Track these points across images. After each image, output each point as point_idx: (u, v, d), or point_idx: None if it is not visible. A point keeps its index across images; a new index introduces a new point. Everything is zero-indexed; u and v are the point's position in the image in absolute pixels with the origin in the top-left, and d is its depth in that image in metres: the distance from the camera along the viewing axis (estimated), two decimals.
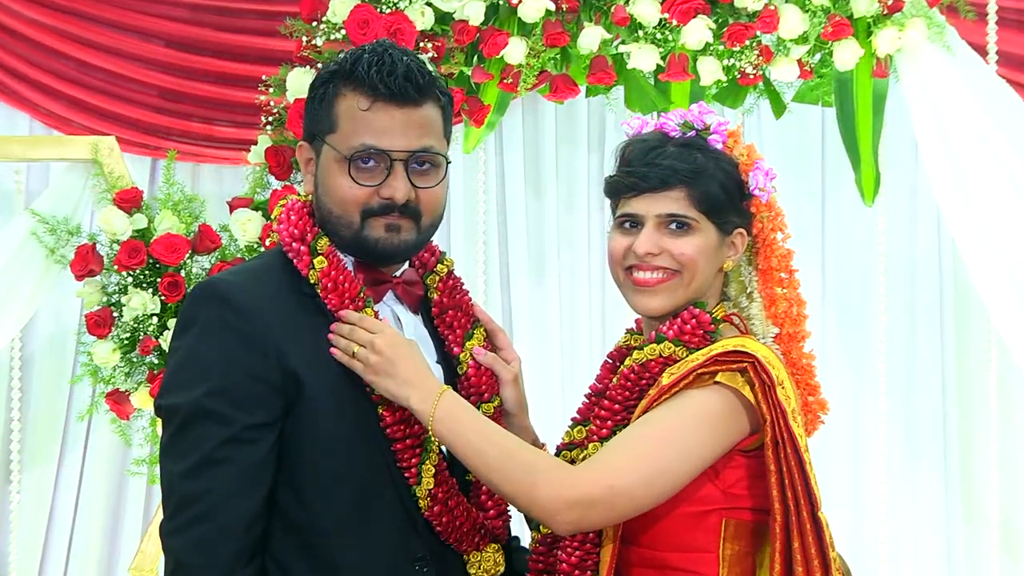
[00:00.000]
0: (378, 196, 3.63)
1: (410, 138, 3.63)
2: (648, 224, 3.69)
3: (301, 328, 3.66)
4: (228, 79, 6.34)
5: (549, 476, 3.53)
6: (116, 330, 5.85)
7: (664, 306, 3.70)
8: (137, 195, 5.91)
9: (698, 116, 3.76)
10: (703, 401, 3.58)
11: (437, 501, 3.66)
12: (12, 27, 6.30)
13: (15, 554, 6.54)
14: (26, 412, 6.54)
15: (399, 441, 3.62)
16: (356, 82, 3.63)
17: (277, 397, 3.60)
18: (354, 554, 3.65)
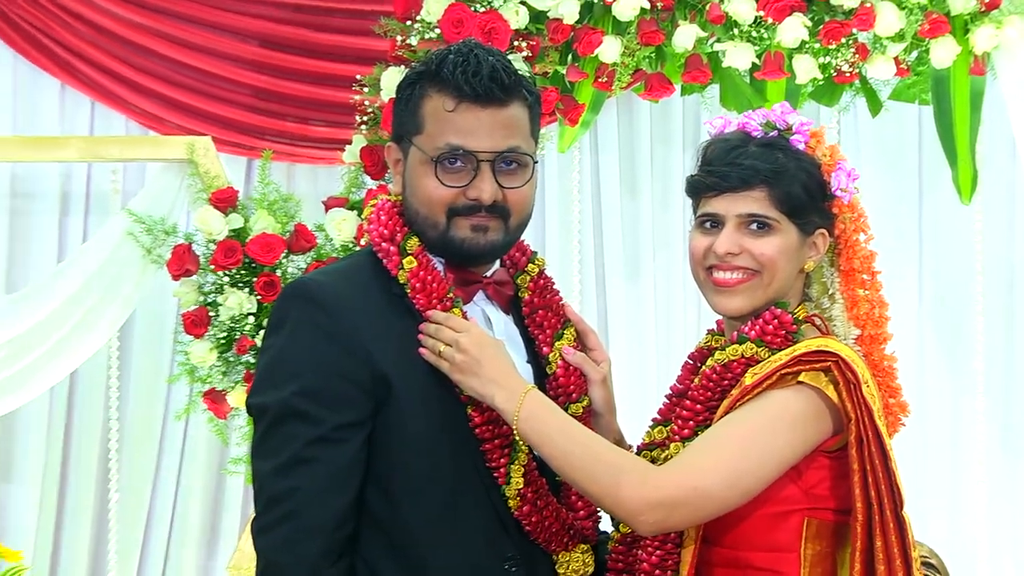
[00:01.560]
0: (464, 197, 3.64)
1: (496, 138, 3.64)
2: (729, 224, 3.70)
3: (391, 328, 3.67)
4: (323, 79, 6.38)
5: (633, 477, 3.54)
6: (212, 329, 5.92)
7: (744, 306, 3.71)
8: (233, 195, 5.98)
9: (780, 116, 3.76)
10: (786, 401, 3.58)
11: (527, 501, 3.66)
12: (108, 28, 6.36)
13: (114, 552, 6.60)
14: (124, 411, 6.60)
15: (488, 441, 3.63)
16: (442, 83, 3.64)
17: (366, 397, 3.62)
18: (443, 554, 3.66)
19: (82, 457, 6.64)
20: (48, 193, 6.58)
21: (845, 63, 5.78)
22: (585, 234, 6.90)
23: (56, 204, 6.60)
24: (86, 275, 6.21)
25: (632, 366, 6.69)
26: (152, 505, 6.68)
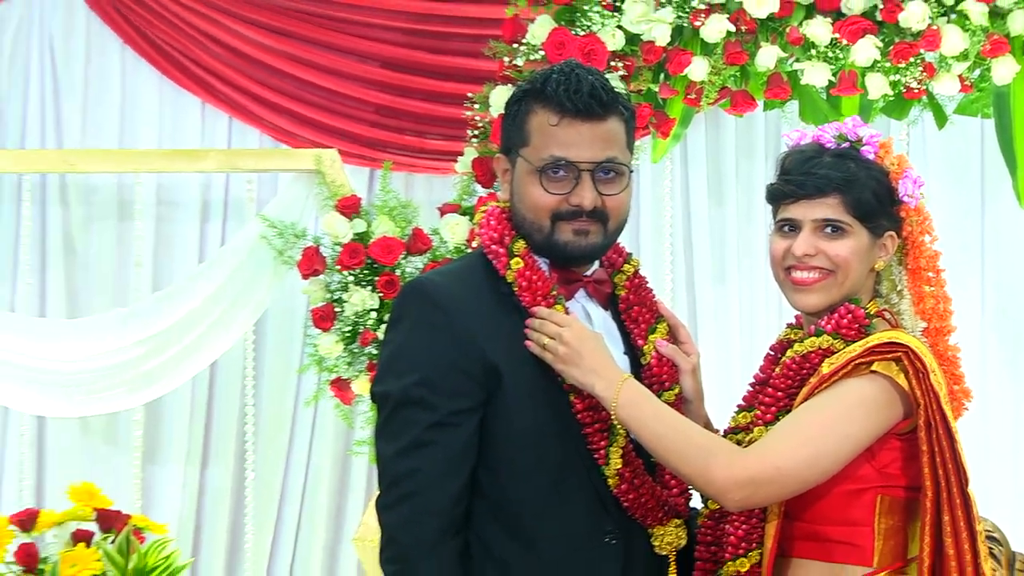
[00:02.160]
0: (567, 203, 3.64)
1: (595, 150, 3.64)
2: (805, 228, 3.70)
3: (500, 324, 3.67)
4: (438, 97, 6.40)
5: (721, 458, 3.55)
6: (338, 324, 5.96)
7: (820, 303, 3.71)
8: (357, 202, 6.04)
9: (852, 129, 3.76)
10: (860, 389, 3.59)
11: (624, 480, 3.66)
12: (244, 51, 6.43)
13: (250, 526, 6.63)
14: (259, 398, 6.63)
15: (589, 426, 3.63)
16: (546, 100, 3.65)
17: (478, 386, 3.62)
18: (550, 529, 3.65)
19: (221, 440, 6.69)
20: (190, 201, 6.64)
21: (913, 80, 5.76)
22: (676, 239, 6.87)
23: (197, 211, 6.66)
24: (224, 275, 6.29)
25: (718, 359, 6.66)
26: (285, 483, 6.71)
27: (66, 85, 6.59)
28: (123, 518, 5.43)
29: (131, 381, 6.31)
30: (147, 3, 6.47)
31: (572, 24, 5.79)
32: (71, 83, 6.59)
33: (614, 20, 5.79)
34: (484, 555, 3.66)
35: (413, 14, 6.49)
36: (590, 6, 5.80)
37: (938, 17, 5.72)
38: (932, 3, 5.71)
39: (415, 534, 3.60)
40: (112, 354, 6.28)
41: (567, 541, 3.66)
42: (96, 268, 6.63)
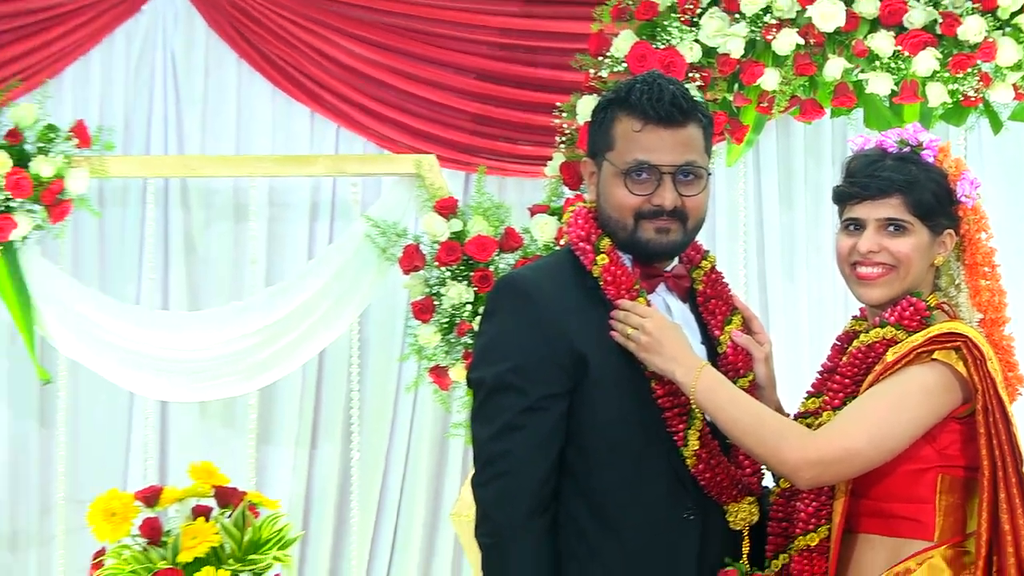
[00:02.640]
0: (649, 203, 3.65)
1: (676, 154, 3.65)
2: (870, 227, 3.71)
3: (586, 315, 3.68)
4: (528, 106, 6.40)
5: (793, 440, 3.57)
6: (436, 316, 6.03)
7: (883, 296, 3.71)
8: (453, 203, 6.11)
9: (913, 134, 3.76)
10: (922, 376, 3.60)
11: (701, 460, 3.66)
12: (349, 64, 6.45)
13: (356, 502, 6.66)
14: (363, 385, 6.65)
15: (669, 410, 3.64)
16: (630, 108, 3.67)
17: (566, 374, 3.64)
18: (633, 507, 3.67)
19: (329, 423, 6.73)
20: (300, 203, 6.68)
21: (970, 89, 5.77)
22: (749, 238, 6.85)
23: (306, 212, 6.69)
24: (331, 272, 6.34)
25: (788, 350, 6.54)
26: (387, 463, 6.74)
27: (187, 96, 6.63)
28: (239, 495, 5.44)
29: (246, 369, 6.37)
30: (261, 20, 6.51)
31: (653, 38, 5.82)
32: (191, 94, 6.63)
33: (691, 34, 5.82)
34: (572, 529, 3.67)
35: (506, 30, 6.49)
36: (669, 22, 5.83)
37: (993, 30, 5.73)
38: (988, 17, 5.72)
39: (508, 511, 3.62)
40: (229, 344, 6.35)
41: (649, 517, 3.68)
42: (214, 265, 6.67)
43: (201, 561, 5.23)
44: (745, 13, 5.83)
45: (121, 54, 6.61)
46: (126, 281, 6.65)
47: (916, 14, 5.77)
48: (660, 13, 5.89)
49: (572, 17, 6.35)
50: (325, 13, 6.53)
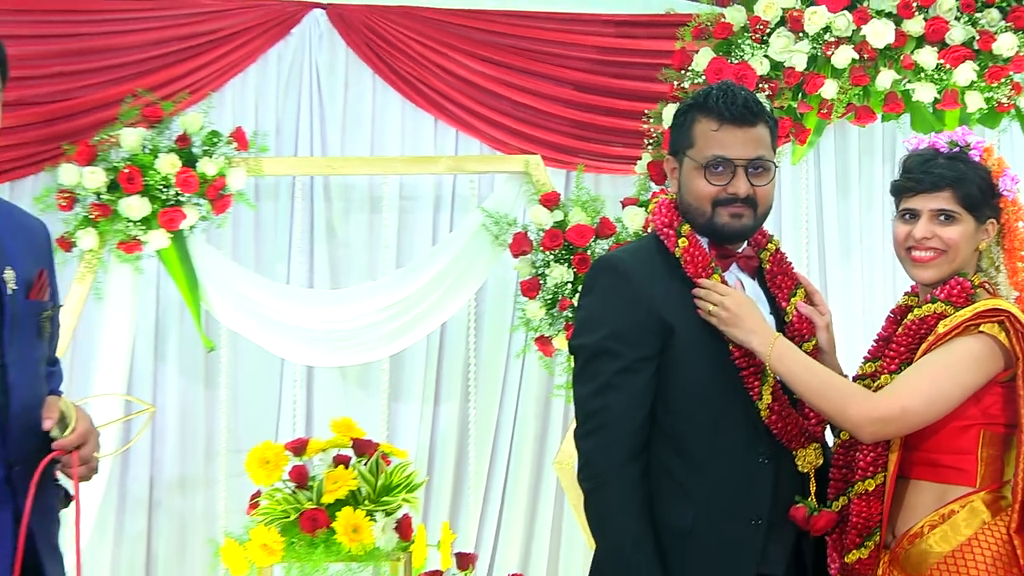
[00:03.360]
0: (725, 192, 3.67)
1: (748, 150, 3.68)
2: (923, 216, 3.72)
3: (671, 290, 3.70)
4: (620, 113, 6.39)
5: (857, 399, 3.60)
6: (542, 293, 6.08)
7: (935, 277, 3.72)
8: (556, 197, 6.16)
9: (961, 136, 3.77)
10: (970, 345, 3.61)
11: (774, 412, 3.67)
12: (467, 77, 6.45)
13: (472, 452, 6.71)
14: (479, 352, 6.68)
15: (745, 370, 3.66)
16: (708, 110, 3.69)
17: (655, 339, 3.66)
18: (715, 453, 3.69)
19: (449, 384, 6.74)
20: (425, 196, 6.70)
21: (1004, 97, 5.80)
22: (810, 225, 6.83)
23: (430, 204, 6.71)
24: (452, 255, 6.37)
25: (844, 322, 6.42)
26: (499, 419, 6.75)
27: (329, 106, 6.65)
28: (373, 446, 5.52)
29: (379, 338, 6.40)
30: (392, 41, 6.53)
31: (728, 54, 5.87)
32: (333, 105, 6.65)
33: (761, 50, 5.85)
34: (661, 472, 3.68)
35: (601, 48, 6.48)
36: (743, 40, 5.87)
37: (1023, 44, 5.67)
38: (1020, 34, 5.73)
39: (606, 458, 3.65)
40: (364, 317, 6.36)
41: (729, 461, 3.70)
42: (352, 250, 6.68)
43: (341, 502, 5.34)
44: (808, 32, 5.83)
45: (273, 71, 6.64)
46: (277, 263, 6.66)
47: (956, 32, 5.78)
48: (734, 32, 5.93)
49: (658, 36, 6.33)
50: (446, 35, 6.53)
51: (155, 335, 6.60)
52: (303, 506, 5.38)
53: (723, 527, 3.69)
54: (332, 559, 5.40)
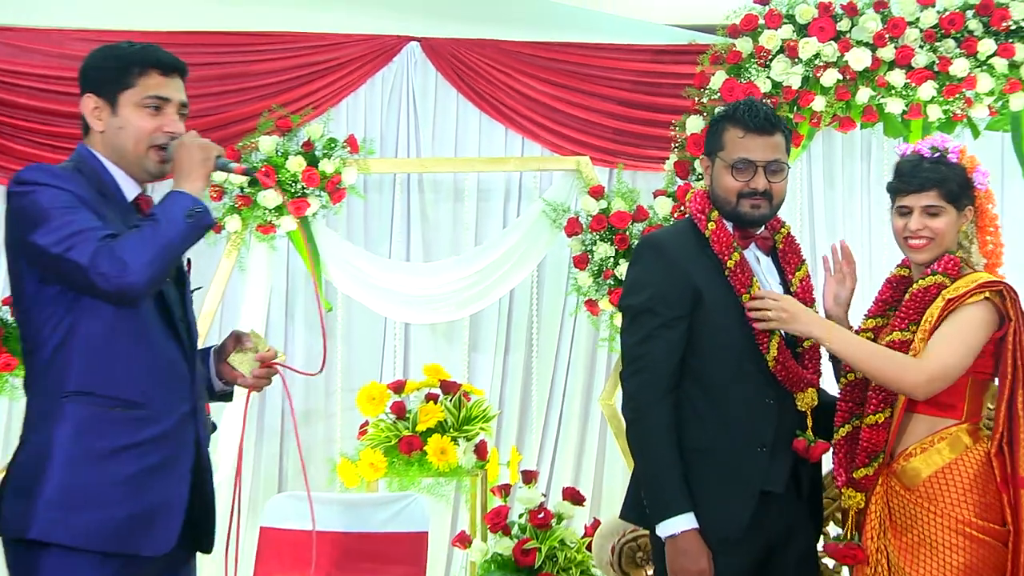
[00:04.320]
0: (748, 187, 3.72)
1: (767, 153, 3.74)
2: (915, 212, 3.76)
3: (701, 263, 3.77)
4: (652, 123, 6.42)
5: (910, 368, 3.65)
6: (590, 265, 6.14)
7: (927, 258, 3.76)
8: (601, 189, 6.22)
9: (941, 142, 3.80)
10: (980, 310, 3.68)
11: (779, 363, 3.72)
12: (531, 95, 6.49)
13: (534, 392, 6.76)
14: (540, 312, 6.77)
15: (757, 329, 3.72)
16: (736, 121, 3.76)
17: (688, 301, 3.72)
18: (733, 394, 3.74)
19: (516, 338, 6.80)
20: (497, 189, 6.78)
21: (958, 109, 5.81)
22: (803, 211, 6.83)
23: (502, 195, 6.78)
24: (518, 235, 6.44)
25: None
26: (555, 366, 6.78)
27: (422, 118, 6.71)
28: (456, 386, 5.65)
29: (461, 301, 6.47)
30: (473, 67, 6.60)
31: (738, 76, 5.93)
32: (425, 117, 6.71)
33: (764, 73, 5.90)
34: (688, 405, 3.75)
35: (637, 71, 6.51)
36: (750, 64, 5.92)
37: (975, 68, 5.75)
38: (971, 59, 5.75)
39: (645, 394, 3.71)
40: (450, 284, 6.43)
41: (743, 401, 3.74)
42: (440, 231, 6.76)
43: (431, 430, 5.47)
44: (802, 58, 5.88)
45: (378, 91, 6.69)
46: (381, 242, 6.72)
47: (920, 57, 5.82)
48: (743, 59, 5.98)
49: (683, 62, 6.33)
50: (514, 61, 6.58)
51: (286, 299, 6.65)
52: (401, 433, 5.48)
53: (734, 451, 3.71)
54: (424, 475, 5.47)
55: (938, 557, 3.67)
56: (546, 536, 5.05)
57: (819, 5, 5.91)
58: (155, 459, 3.09)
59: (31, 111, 6.17)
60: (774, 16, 5.94)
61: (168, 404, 3.14)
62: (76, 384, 3.05)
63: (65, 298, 3.06)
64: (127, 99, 3.19)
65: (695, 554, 3.65)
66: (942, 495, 3.66)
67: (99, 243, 2.96)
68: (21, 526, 3.00)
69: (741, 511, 3.68)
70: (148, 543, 3.07)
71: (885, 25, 5.86)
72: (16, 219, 3.07)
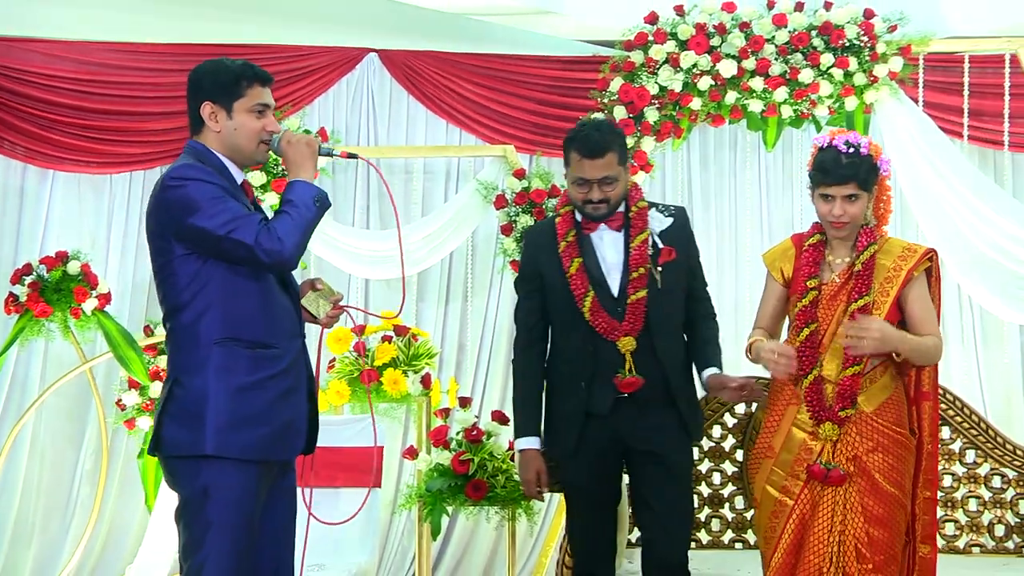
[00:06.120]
0: (586, 197, 3.93)
1: (598, 172, 3.90)
2: (837, 200, 3.75)
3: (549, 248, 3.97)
4: (563, 118, 6.23)
5: (938, 344, 3.76)
6: (514, 232, 6.09)
7: (846, 235, 3.79)
8: (523, 172, 6.16)
9: (855, 139, 3.76)
10: (927, 277, 3.78)
11: (593, 314, 3.89)
12: (468, 96, 6.44)
13: (470, 335, 6.67)
14: (474, 271, 6.68)
15: (577, 295, 3.87)
16: (575, 147, 3.94)
17: (536, 279, 3.97)
18: (567, 343, 3.97)
19: (454, 290, 6.72)
20: (440, 170, 6.70)
21: (805, 108, 5.81)
22: (683, 189, 6.67)
23: (443, 176, 6.72)
24: (457, 208, 6.36)
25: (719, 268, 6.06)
26: (486, 314, 6.68)
27: (380, 114, 6.65)
28: (406, 330, 5.56)
29: (411, 261, 6.34)
30: (421, 73, 6.53)
31: (632, 81, 5.87)
32: (382, 113, 6.65)
33: (653, 79, 5.86)
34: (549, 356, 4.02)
35: (552, 76, 6.45)
36: (641, 72, 5.87)
37: (818, 76, 5.74)
38: (815, 69, 5.73)
39: (516, 346, 4.04)
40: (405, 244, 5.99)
41: (572, 349, 3.95)
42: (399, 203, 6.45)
43: (386, 365, 5.41)
44: (683, 67, 5.85)
45: (344, 92, 6.62)
46: (347, 212, 6.65)
47: (776, 67, 5.80)
48: (636, 67, 5.94)
49: (588, 70, 6.27)
50: (455, 69, 6.51)
51: None
52: (362, 367, 5.42)
53: (565, 387, 3.93)
54: (381, 400, 5.45)
55: (889, 454, 3.77)
56: (478, 449, 5.05)
57: (696, 25, 5.90)
58: (285, 385, 3.31)
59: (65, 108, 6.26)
60: (660, 34, 5.94)
61: (288, 342, 3.34)
62: (221, 333, 3.26)
63: (205, 269, 3.25)
64: (240, 106, 3.38)
65: (528, 465, 3.94)
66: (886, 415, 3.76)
67: (259, 226, 3.21)
68: (194, 446, 3.22)
69: (569, 431, 3.88)
70: (285, 450, 3.35)
71: (748, 42, 5.86)
72: (173, 207, 3.26)
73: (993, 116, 6.12)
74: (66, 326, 5.94)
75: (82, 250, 6.08)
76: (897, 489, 3.81)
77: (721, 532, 5.07)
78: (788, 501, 3.83)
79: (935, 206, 5.84)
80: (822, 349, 3.82)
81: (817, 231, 3.93)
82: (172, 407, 3.29)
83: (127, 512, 6.56)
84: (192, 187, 3.25)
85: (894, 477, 3.80)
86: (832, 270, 3.87)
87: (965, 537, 5.03)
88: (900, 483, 3.82)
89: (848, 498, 3.76)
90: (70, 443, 6.58)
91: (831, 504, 3.77)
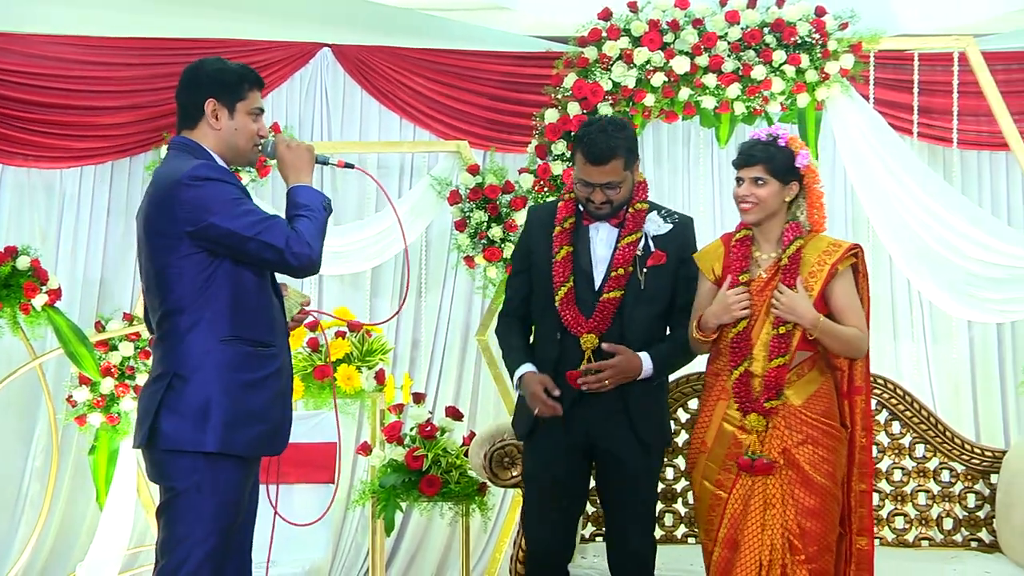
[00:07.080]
0: (589, 198, 3.92)
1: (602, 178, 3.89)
2: (746, 181, 3.80)
3: (545, 229, 3.98)
4: (518, 114, 6.30)
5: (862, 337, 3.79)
6: (467, 228, 6.01)
7: (754, 219, 3.83)
8: (477, 167, 6.09)
9: (774, 130, 3.83)
10: (851, 273, 3.82)
11: (563, 307, 3.90)
12: (421, 91, 6.32)
13: (424, 328, 6.59)
14: (428, 266, 6.58)
15: (558, 280, 3.89)
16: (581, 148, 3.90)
17: (526, 259, 4.00)
18: (542, 327, 4.02)
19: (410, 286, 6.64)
20: (394, 165, 6.64)
21: (758, 105, 5.81)
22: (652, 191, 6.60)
23: (397, 171, 6.65)
24: (411, 203, 6.28)
25: None
26: (439, 308, 6.64)
27: (333, 108, 6.59)
28: (360, 325, 5.53)
29: (365, 256, 6.27)
30: (375, 68, 6.46)
31: (586, 77, 5.85)
32: (336, 108, 6.59)
33: (607, 75, 5.84)
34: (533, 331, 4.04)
35: (506, 72, 6.41)
36: (595, 68, 5.85)
37: (770, 73, 5.74)
38: (767, 66, 5.73)
39: (502, 317, 4.06)
40: (356, 242, 6.23)
41: (542, 334, 4.00)
42: (348, 199, 6.60)
43: (340, 361, 5.39)
44: (636, 63, 5.84)
45: (298, 86, 6.57)
46: None
47: (728, 64, 5.79)
48: (590, 63, 5.91)
49: (542, 66, 6.25)
50: (408, 64, 6.46)
51: None
52: (316, 363, 5.39)
53: (540, 367, 3.96)
54: (334, 397, 5.41)
55: (819, 446, 3.80)
56: (432, 445, 5.06)
57: (649, 22, 5.88)
58: (278, 386, 3.37)
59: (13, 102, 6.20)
60: (614, 30, 5.91)
61: (280, 342, 3.42)
62: (228, 332, 3.28)
63: (213, 267, 3.28)
64: (242, 108, 3.45)
65: (530, 383, 3.92)
66: (814, 408, 3.78)
67: (288, 230, 3.26)
68: (196, 442, 3.24)
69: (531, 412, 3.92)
70: (275, 447, 3.39)
71: (701, 38, 5.85)
72: (191, 205, 3.26)
73: (942, 113, 6.18)
74: (15, 322, 5.83)
75: (32, 245, 6.02)
76: (829, 481, 3.84)
77: (674, 527, 5.08)
78: (722, 495, 3.86)
79: (885, 202, 5.86)
80: (752, 343, 3.85)
81: (744, 227, 3.98)
82: (173, 401, 3.28)
83: (78, 510, 6.47)
84: (213, 187, 3.27)
85: (825, 469, 3.83)
86: (759, 265, 3.91)
87: (915, 530, 5.06)
88: (832, 475, 3.85)
89: (779, 490, 3.79)
90: (20, 440, 6.49)
91: (762, 497, 3.80)
